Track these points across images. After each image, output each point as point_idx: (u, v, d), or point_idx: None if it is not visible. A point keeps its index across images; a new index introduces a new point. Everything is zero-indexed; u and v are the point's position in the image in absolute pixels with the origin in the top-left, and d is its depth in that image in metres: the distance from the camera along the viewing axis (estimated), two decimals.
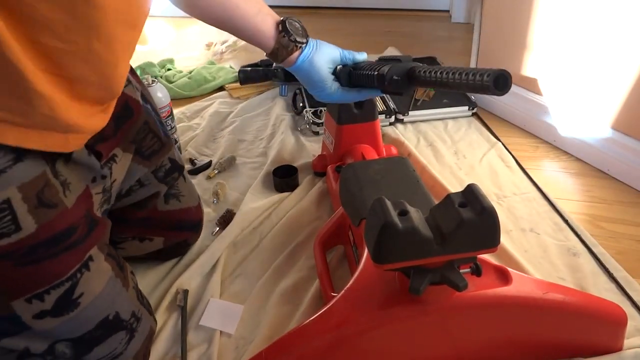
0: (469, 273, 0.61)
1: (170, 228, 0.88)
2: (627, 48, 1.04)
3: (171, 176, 0.85)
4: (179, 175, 0.87)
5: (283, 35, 0.72)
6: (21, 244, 0.54)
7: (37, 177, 0.55)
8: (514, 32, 1.30)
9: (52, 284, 0.57)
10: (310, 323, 0.64)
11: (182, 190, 0.89)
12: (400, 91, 0.77)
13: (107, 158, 0.69)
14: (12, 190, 0.52)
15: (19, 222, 0.53)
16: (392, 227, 0.54)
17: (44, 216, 0.55)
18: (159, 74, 1.71)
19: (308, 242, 0.95)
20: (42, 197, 0.55)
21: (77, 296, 0.59)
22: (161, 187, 0.84)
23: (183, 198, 0.88)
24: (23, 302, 0.56)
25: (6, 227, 0.52)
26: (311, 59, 0.74)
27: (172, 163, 0.84)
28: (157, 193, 0.84)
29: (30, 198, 0.54)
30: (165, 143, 0.83)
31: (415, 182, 0.80)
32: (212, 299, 0.83)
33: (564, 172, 1.17)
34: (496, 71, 0.57)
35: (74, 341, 0.61)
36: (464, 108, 1.39)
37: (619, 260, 0.88)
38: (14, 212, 0.52)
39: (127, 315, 0.66)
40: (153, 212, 0.85)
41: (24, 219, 0.53)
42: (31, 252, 0.55)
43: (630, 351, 0.69)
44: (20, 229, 0.53)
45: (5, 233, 0.52)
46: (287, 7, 2.45)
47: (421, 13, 2.37)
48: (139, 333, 0.69)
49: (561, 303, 0.64)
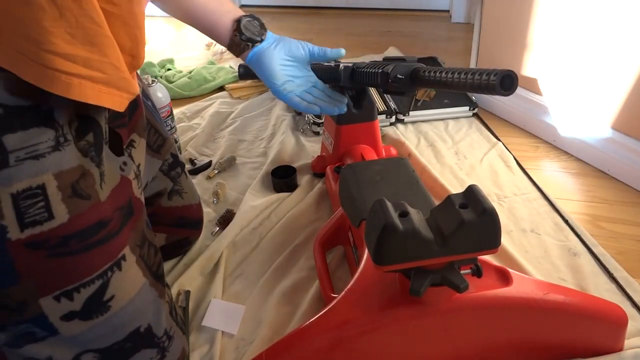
0: (470, 274, 0.61)
1: (172, 224, 0.88)
2: (627, 48, 1.04)
3: (175, 170, 0.85)
4: (181, 171, 0.88)
5: (235, 34, 0.79)
6: (53, 233, 0.52)
7: (75, 167, 0.53)
8: (514, 32, 1.30)
9: (82, 281, 0.54)
10: (311, 324, 0.64)
11: (185, 187, 0.89)
12: (403, 91, 0.77)
13: (127, 143, 0.68)
14: (49, 176, 0.51)
15: (52, 210, 0.51)
16: (393, 229, 0.54)
17: (77, 207, 0.53)
18: (158, 74, 1.71)
19: (308, 243, 0.95)
20: (77, 187, 0.54)
21: (108, 298, 0.56)
22: (167, 183, 0.84)
23: (185, 195, 0.89)
24: (52, 300, 0.53)
25: (39, 215, 0.51)
26: (259, 56, 0.80)
27: (174, 158, 0.85)
28: (163, 189, 0.84)
29: (66, 187, 0.52)
30: (166, 138, 0.83)
31: (415, 182, 0.80)
32: (213, 300, 0.83)
33: (564, 172, 1.17)
34: (503, 71, 0.57)
35: (102, 352, 0.58)
36: (465, 108, 1.39)
37: (619, 260, 0.88)
38: (47, 200, 0.51)
39: (160, 331, 0.62)
40: (157, 209, 0.85)
41: (57, 207, 0.52)
42: (63, 244, 0.53)
43: (631, 351, 0.69)
44: (53, 217, 0.51)
45: (38, 221, 0.51)
46: (287, 7, 2.45)
47: (421, 13, 2.37)
48: (170, 354, 0.64)
49: (562, 304, 0.64)
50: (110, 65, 0.52)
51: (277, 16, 2.37)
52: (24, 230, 0.50)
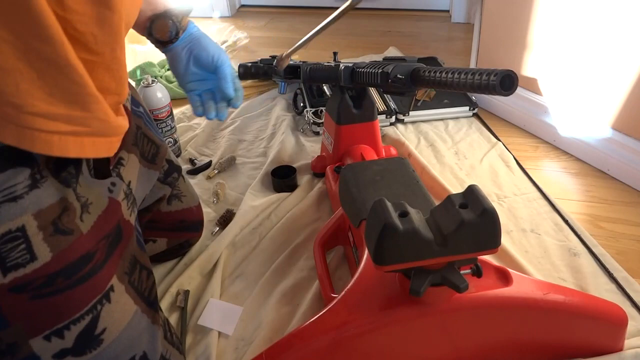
0: (470, 274, 0.61)
1: (173, 229, 0.88)
2: (627, 48, 1.04)
3: (171, 176, 0.85)
4: (178, 175, 0.87)
5: (148, 34, 0.80)
6: (37, 273, 0.50)
7: (54, 203, 0.52)
8: (514, 32, 1.30)
9: (72, 318, 0.53)
10: (311, 324, 0.64)
11: (183, 190, 0.89)
12: (403, 91, 0.77)
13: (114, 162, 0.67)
14: (27, 217, 0.49)
15: (34, 251, 0.50)
16: (393, 229, 0.54)
17: (60, 244, 0.52)
18: (159, 74, 1.71)
19: (308, 243, 0.95)
20: (59, 224, 0.52)
21: (100, 332, 0.55)
22: (166, 189, 0.84)
23: (185, 198, 0.89)
24: (42, 340, 0.52)
25: (21, 257, 0.49)
26: (172, 54, 0.83)
27: (169, 164, 0.85)
28: (162, 196, 0.84)
29: (46, 225, 0.51)
30: (160, 145, 0.82)
31: (415, 182, 0.80)
32: (211, 300, 0.83)
33: (564, 172, 1.17)
34: (503, 71, 0.57)
35: None
36: (465, 108, 1.39)
37: (619, 260, 0.88)
38: (28, 241, 0.50)
39: (155, 357, 0.61)
40: (157, 214, 0.85)
41: (39, 247, 0.50)
42: (49, 283, 0.51)
43: (631, 351, 0.69)
44: (35, 258, 0.50)
45: (21, 263, 0.49)
46: (286, 7, 2.45)
47: (421, 13, 2.37)
48: None
49: (562, 304, 0.64)
50: (96, 120, 0.50)
51: (277, 16, 2.37)
52: (7, 275, 0.49)
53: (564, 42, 1.18)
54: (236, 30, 2.02)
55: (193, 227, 0.93)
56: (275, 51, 1.50)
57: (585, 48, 1.13)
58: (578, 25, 1.13)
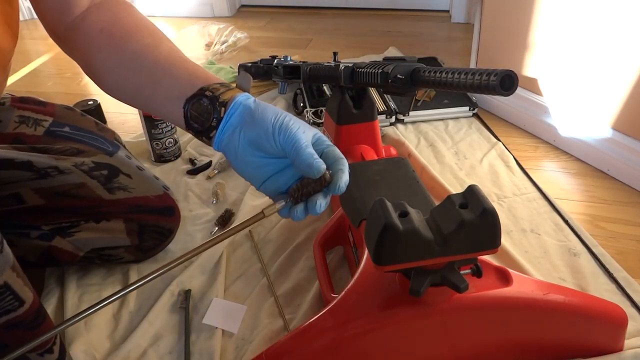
0: (470, 274, 0.61)
1: (129, 211, 0.87)
2: (627, 48, 1.04)
3: (99, 172, 0.84)
4: (113, 174, 0.86)
5: (187, 127, 0.57)
6: None
7: None
8: (514, 32, 1.30)
9: None
10: (311, 324, 0.64)
11: (129, 184, 0.87)
12: (403, 91, 0.77)
13: None
14: None
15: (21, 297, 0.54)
16: (393, 229, 0.54)
17: None
18: None
19: (308, 243, 0.95)
20: None
21: None
22: (87, 179, 0.83)
23: (133, 190, 0.87)
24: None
25: None
26: (224, 145, 0.54)
27: (96, 164, 0.84)
28: (82, 184, 0.82)
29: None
30: (84, 150, 0.84)
31: (415, 182, 0.80)
32: (215, 299, 0.83)
33: (564, 172, 1.17)
34: (503, 71, 0.57)
35: None
36: (465, 108, 1.39)
37: (619, 260, 0.88)
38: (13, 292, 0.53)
39: None
40: (98, 201, 0.84)
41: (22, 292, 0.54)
42: None
43: (631, 351, 0.69)
44: (23, 302, 0.54)
45: None
46: (286, 7, 2.45)
47: (421, 13, 2.37)
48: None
49: (561, 304, 0.64)
50: None
51: (277, 16, 2.37)
52: None
53: (564, 42, 1.18)
54: (236, 30, 2.02)
55: (159, 211, 0.90)
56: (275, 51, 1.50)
57: (585, 48, 1.13)
58: (578, 25, 1.13)
